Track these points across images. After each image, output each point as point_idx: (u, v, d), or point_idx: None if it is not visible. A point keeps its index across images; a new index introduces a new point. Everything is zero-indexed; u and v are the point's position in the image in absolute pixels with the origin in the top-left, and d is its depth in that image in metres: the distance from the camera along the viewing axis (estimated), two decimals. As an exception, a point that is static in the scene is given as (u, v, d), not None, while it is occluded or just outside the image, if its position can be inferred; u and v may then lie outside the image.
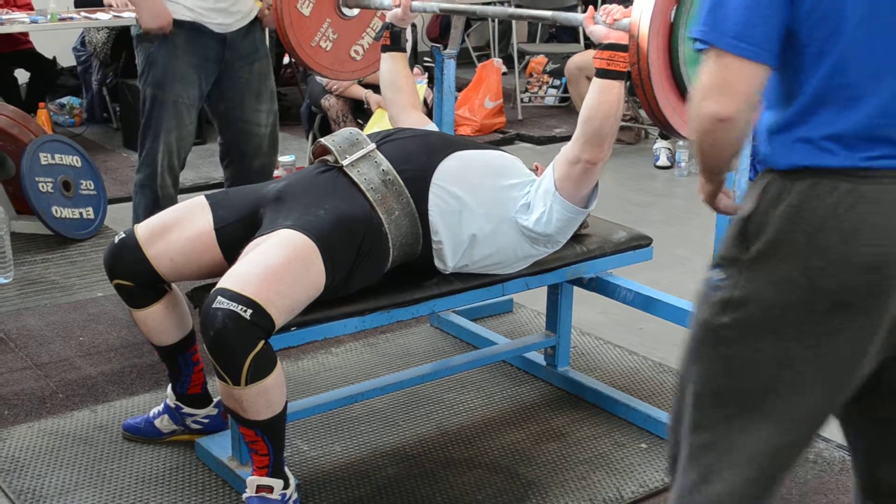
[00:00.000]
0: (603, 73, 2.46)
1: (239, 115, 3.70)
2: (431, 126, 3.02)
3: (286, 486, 2.47)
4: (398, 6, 3.04)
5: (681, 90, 2.18)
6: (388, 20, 3.08)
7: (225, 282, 2.32)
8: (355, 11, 3.35)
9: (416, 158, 2.65)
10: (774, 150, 1.63)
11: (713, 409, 1.70)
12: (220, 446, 2.76)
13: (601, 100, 2.47)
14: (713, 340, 1.69)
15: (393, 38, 3.09)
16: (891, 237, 1.56)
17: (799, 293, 1.60)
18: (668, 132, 2.22)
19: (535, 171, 2.86)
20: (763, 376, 1.65)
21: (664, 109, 2.18)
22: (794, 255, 1.59)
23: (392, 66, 3.11)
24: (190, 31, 3.52)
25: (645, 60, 2.11)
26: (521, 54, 7.82)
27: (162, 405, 2.87)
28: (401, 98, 3.09)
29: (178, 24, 3.50)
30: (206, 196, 2.69)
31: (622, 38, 2.40)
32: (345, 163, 2.60)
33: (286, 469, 2.50)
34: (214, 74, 3.63)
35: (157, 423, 2.86)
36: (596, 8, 2.57)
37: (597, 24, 2.47)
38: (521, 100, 7.36)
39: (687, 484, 1.73)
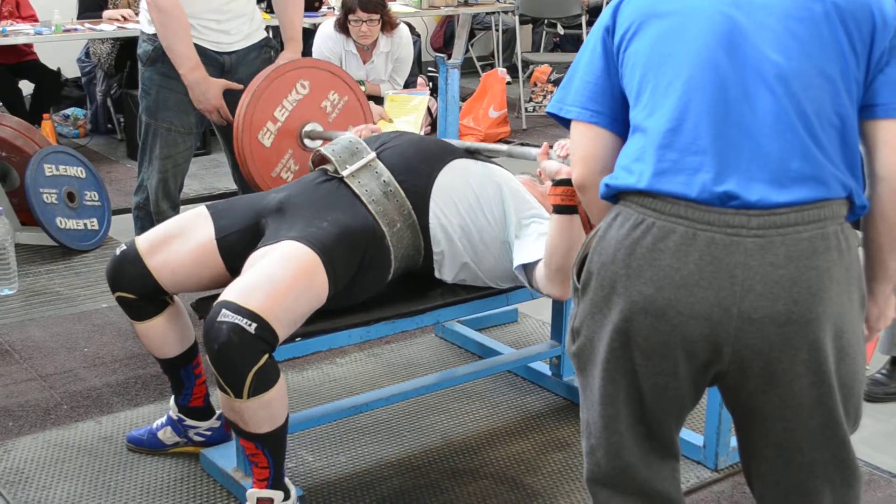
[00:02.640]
0: (560, 209, 2.32)
1: None
2: None
3: (287, 498, 2.46)
4: (358, 136, 2.98)
5: None
6: None
7: (229, 294, 2.31)
8: (317, 143, 3.33)
9: (415, 167, 2.64)
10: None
11: (584, 438, 1.78)
12: (225, 457, 2.75)
13: (561, 236, 2.33)
14: (575, 369, 1.77)
15: None
16: (671, 281, 1.55)
17: (604, 326, 1.64)
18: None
19: (539, 176, 2.85)
20: (595, 407, 1.71)
21: None
22: (600, 286, 1.64)
23: None
24: None
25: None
26: (526, 64, 7.82)
27: (165, 417, 2.86)
28: None
29: None
30: (208, 206, 2.68)
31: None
32: (345, 173, 2.60)
33: (287, 480, 2.49)
34: None
35: (160, 434, 2.85)
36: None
37: (550, 158, 2.38)
38: (526, 109, 7.36)
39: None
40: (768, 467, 1.71)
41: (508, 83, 7.29)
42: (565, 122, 1.78)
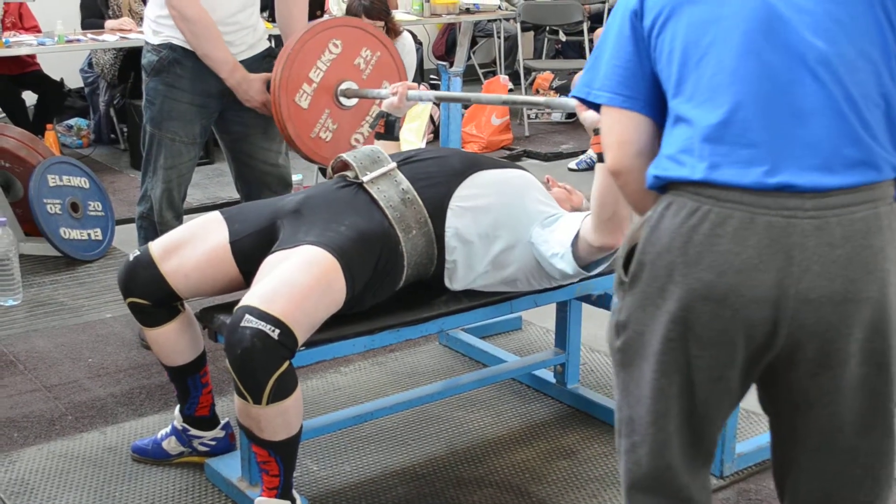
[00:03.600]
0: (603, 158, 2.35)
1: (245, 150, 3.60)
2: None
3: (294, 508, 2.46)
4: (395, 95, 3.00)
5: None
6: (383, 108, 3.03)
7: (252, 299, 2.31)
8: (353, 101, 3.35)
9: (436, 180, 2.64)
10: (650, 167, 1.68)
11: (624, 437, 1.77)
12: (230, 467, 2.75)
13: (608, 183, 2.32)
14: (615, 366, 1.76)
15: (387, 127, 3.02)
16: (731, 266, 1.56)
17: (659, 318, 1.63)
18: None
19: (547, 182, 2.85)
20: (644, 403, 1.70)
21: None
22: (653, 277, 1.63)
23: None
24: (193, 65, 3.41)
25: None
26: (528, 71, 7.83)
27: (169, 427, 2.86)
28: None
29: (181, 53, 3.41)
30: (221, 211, 2.69)
31: None
32: (365, 179, 2.60)
33: (294, 491, 2.49)
34: (217, 110, 3.52)
35: (164, 444, 2.85)
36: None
37: (589, 109, 2.40)
38: (528, 116, 7.36)
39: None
40: (808, 458, 1.70)
41: (511, 90, 7.30)
42: (594, 106, 1.77)
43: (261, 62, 3.54)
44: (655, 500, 1.76)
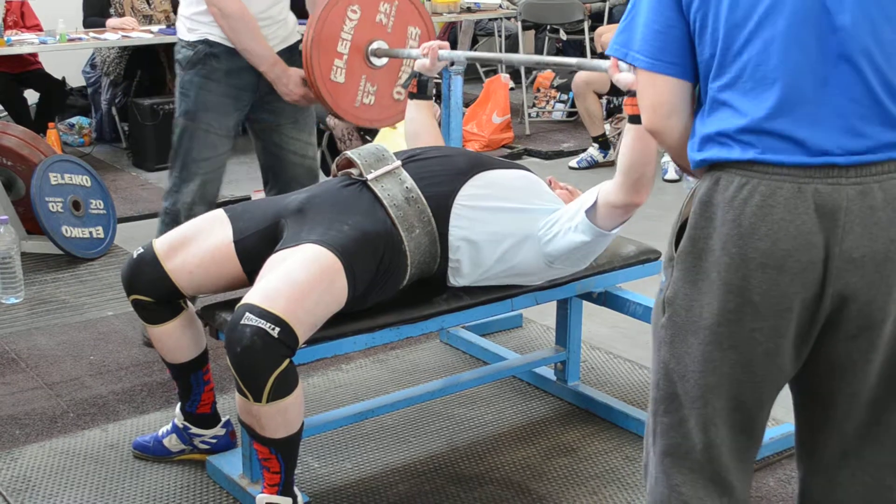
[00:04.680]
0: (636, 119, 2.31)
1: (275, 140, 3.61)
2: None
3: (295, 505, 2.47)
4: (426, 56, 3.03)
5: None
6: (415, 69, 3.07)
7: (252, 297, 2.32)
8: (384, 60, 3.39)
9: (441, 179, 2.65)
10: (691, 149, 1.72)
11: (662, 416, 1.77)
12: (231, 464, 2.76)
13: (639, 147, 2.36)
14: (657, 343, 1.77)
15: (420, 87, 3.06)
16: (787, 232, 1.61)
17: (713, 291, 1.66)
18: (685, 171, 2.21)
19: (549, 184, 2.85)
20: (691, 378, 1.71)
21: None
22: (705, 251, 1.66)
23: (416, 116, 3.08)
24: (229, 61, 3.43)
25: None
26: (528, 69, 7.83)
27: (170, 425, 2.87)
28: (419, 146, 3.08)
29: (214, 47, 3.43)
30: (225, 209, 2.69)
31: None
32: (369, 177, 2.60)
33: (295, 488, 2.49)
34: (250, 102, 3.54)
35: (165, 442, 2.86)
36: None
37: (622, 71, 2.34)
38: (529, 115, 7.37)
39: (657, 495, 1.81)
40: (849, 422, 1.73)
41: (511, 89, 7.30)
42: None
43: (292, 53, 3.56)
44: (695, 479, 1.76)
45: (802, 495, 1.86)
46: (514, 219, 2.63)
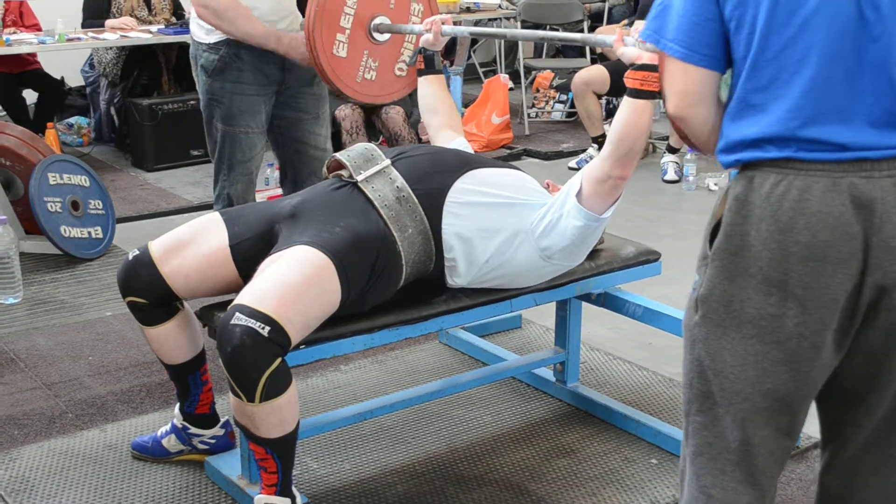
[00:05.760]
0: (636, 94, 2.38)
1: (296, 136, 3.67)
2: (457, 141, 3.00)
3: (293, 505, 2.47)
4: (429, 31, 3.05)
5: None
6: (420, 44, 3.09)
7: (243, 298, 2.32)
8: (386, 36, 3.38)
9: (431, 176, 2.65)
10: (722, 149, 1.75)
11: (696, 415, 1.77)
12: (230, 465, 2.76)
13: (634, 120, 2.40)
14: (690, 342, 1.77)
15: (427, 62, 3.09)
16: (826, 224, 1.62)
17: (754, 286, 1.67)
18: (691, 147, 2.22)
19: (547, 188, 2.85)
20: (726, 375, 1.72)
21: None
22: (743, 247, 1.68)
23: (428, 91, 3.10)
24: (252, 58, 3.47)
25: None
26: (528, 70, 7.83)
27: (169, 425, 2.87)
28: (436, 120, 3.09)
29: (238, 47, 3.46)
30: (221, 213, 2.69)
31: (655, 59, 2.31)
32: (359, 178, 2.60)
33: (294, 488, 2.49)
34: (275, 93, 3.60)
35: (164, 442, 2.85)
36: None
37: (627, 45, 2.41)
38: (528, 115, 7.37)
39: (687, 497, 1.81)
40: (878, 413, 1.74)
41: (511, 89, 7.30)
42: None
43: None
44: (726, 481, 1.76)
45: (823, 492, 1.86)
46: (505, 213, 2.63)
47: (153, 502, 2.70)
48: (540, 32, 3.40)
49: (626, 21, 7.38)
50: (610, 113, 7.29)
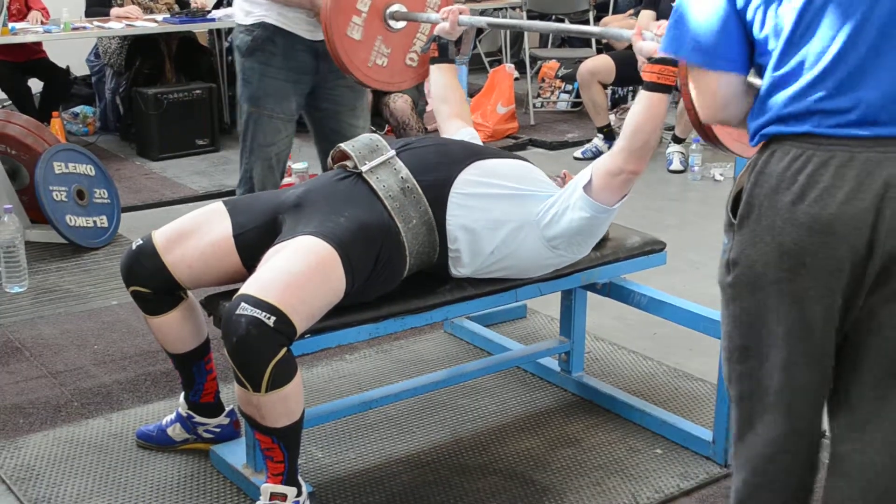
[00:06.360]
0: (652, 87, 2.41)
1: (334, 127, 3.70)
2: (466, 131, 3.01)
3: (299, 494, 2.47)
4: (446, 20, 3.07)
5: None
6: (436, 33, 3.11)
7: (248, 288, 2.32)
8: (402, 24, 3.38)
9: (436, 167, 2.64)
10: (750, 129, 1.82)
11: (736, 363, 1.88)
12: (235, 454, 2.76)
13: (649, 113, 2.43)
14: (725, 300, 1.88)
15: (441, 50, 3.12)
16: (834, 198, 1.69)
17: (770, 252, 1.76)
18: (712, 145, 2.25)
19: (564, 178, 2.85)
20: (760, 331, 1.81)
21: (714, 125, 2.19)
22: (762, 215, 1.76)
23: (440, 79, 3.13)
24: (285, 42, 3.52)
25: None
26: (533, 59, 7.81)
27: (174, 414, 2.87)
28: (446, 109, 3.11)
29: (273, 31, 3.52)
30: (225, 202, 2.69)
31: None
32: (364, 169, 2.60)
33: (299, 477, 2.49)
34: (309, 86, 3.63)
35: (169, 431, 2.86)
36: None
37: (645, 39, 2.45)
38: (534, 105, 7.36)
39: (736, 428, 1.91)
40: (868, 385, 1.79)
41: (516, 79, 7.28)
42: (670, 61, 1.91)
43: None
44: (768, 417, 1.84)
45: (833, 459, 1.90)
46: (511, 204, 2.62)
47: (158, 491, 2.70)
48: (557, 25, 3.40)
49: (631, 11, 7.36)
50: (615, 103, 7.28)
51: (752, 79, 1.81)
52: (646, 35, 2.44)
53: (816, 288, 1.73)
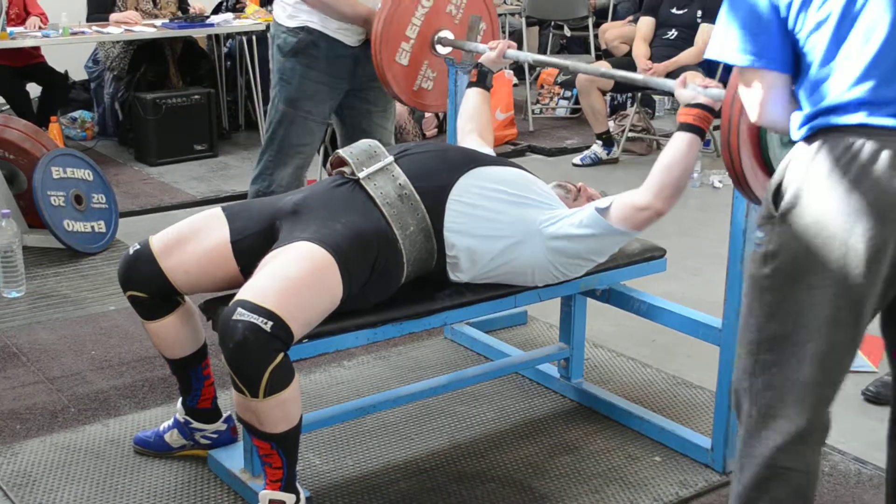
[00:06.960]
0: (688, 128, 2.51)
1: (363, 126, 3.76)
2: (475, 142, 3.07)
3: (297, 501, 2.46)
4: (493, 49, 3.17)
5: (766, 164, 2.21)
6: (480, 61, 3.21)
7: (244, 293, 2.31)
8: (448, 49, 3.49)
9: (434, 174, 2.64)
10: (795, 120, 1.88)
11: (765, 353, 1.91)
12: (233, 459, 2.75)
13: (684, 152, 2.52)
14: (759, 291, 1.92)
15: (480, 76, 3.21)
16: (890, 186, 1.75)
17: (821, 240, 1.80)
18: (742, 192, 2.30)
19: (580, 191, 2.88)
20: (799, 319, 1.86)
21: (748, 175, 2.22)
22: (810, 205, 1.81)
23: (473, 103, 3.20)
24: (328, 47, 3.58)
25: (736, 127, 2.17)
26: (532, 66, 7.81)
27: (172, 420, 2.86)
28: (470, 126, 3.16)
29: (318, 36, 3.58)
30: (223, 208, 2.68)
31: (710, 103, 2.50)
32: (361, 175, 2.59)
33: (297, 484, 2.48)
34: (344, 90, 3.69)
35: (166, 437, 2.85)
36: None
37: (687, 88, 2.55)
38: (533, 111, 7.35)
39: (752, 422, 1.95)
40: None
41: (515, 85, 7.29)
42: (710, 70, 1.97)
43: None
44: (795, 402, 1.89)
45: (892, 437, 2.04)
46: (510, 211, 2.63)
47: (155, 497, 2.69)
48: (603, 69, 3.41)
49: (630, 17, 7.37)
50: (614, 109, 7.27)
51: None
52: (689, 85, 2.55)
53: (863, 274, 1.78)
